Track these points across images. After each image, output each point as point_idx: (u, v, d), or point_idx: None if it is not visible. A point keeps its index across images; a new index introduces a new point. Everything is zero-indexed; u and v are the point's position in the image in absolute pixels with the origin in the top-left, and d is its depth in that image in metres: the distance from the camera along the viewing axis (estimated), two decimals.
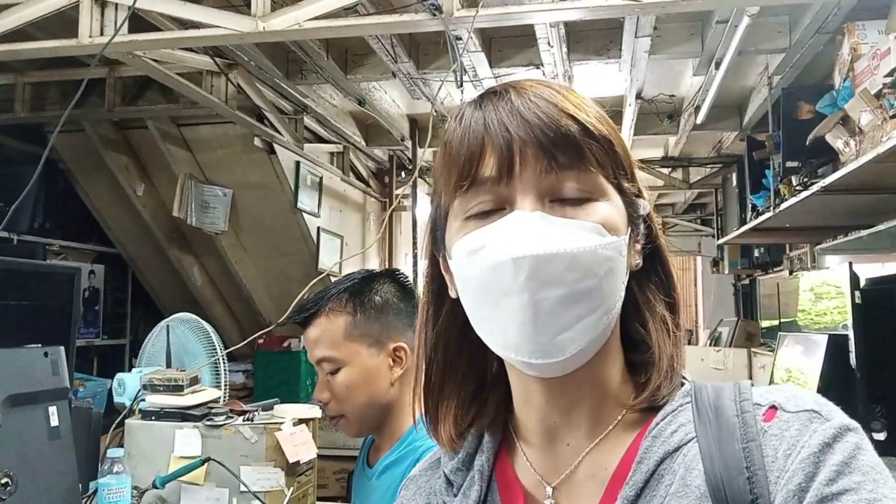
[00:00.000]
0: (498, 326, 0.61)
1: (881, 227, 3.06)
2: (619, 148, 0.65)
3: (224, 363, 2.24)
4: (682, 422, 0.62)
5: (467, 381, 0.72)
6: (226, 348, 2.94)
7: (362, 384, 1.35)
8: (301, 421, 2.02)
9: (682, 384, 0.66)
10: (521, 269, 0.58)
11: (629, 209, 0.65)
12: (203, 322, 2.52)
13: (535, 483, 0.67)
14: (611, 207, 0.63)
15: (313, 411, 2.13)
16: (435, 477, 0.74)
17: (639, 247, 0.67)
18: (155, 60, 3.11)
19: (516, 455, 0.70)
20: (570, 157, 0.61)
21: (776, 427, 0.58)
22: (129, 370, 2.41)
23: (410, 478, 0.78)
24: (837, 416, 0.57)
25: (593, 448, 0.65)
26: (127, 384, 2.17)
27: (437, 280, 0.71)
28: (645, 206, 0.67)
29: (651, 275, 0.68)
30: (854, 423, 0.57)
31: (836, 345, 2.94)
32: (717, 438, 0.59)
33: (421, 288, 0.75)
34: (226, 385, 2.27)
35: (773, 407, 0.60)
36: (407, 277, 1.47)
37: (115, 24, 2.61)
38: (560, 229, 0.59)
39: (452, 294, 0.68)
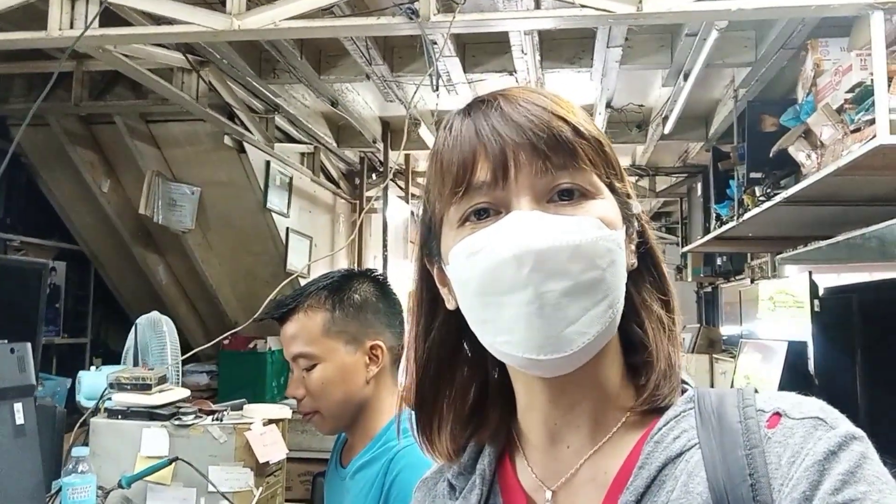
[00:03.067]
0: (503, 326, 0.60)
1: (840, 237, 3.15)
2: (608, 149, 0.66)
3: (176, 349, 2.19)
4: (684, 427, 0.62)
5: (463, 395, 0.71)
6: (190, 348, 2.91)
7: (338, 381, 1.36)
8: (271, 421, 2.02)
9: (685, 389, 0.66)
10: (523, 264, 0.58)
11: (622, 207, 0.65)
12: (167, 321, 2.48)
13: (535, 487, 0.67)
14: (606, 204, 0.63)
15: (283, 411, 2.12)
16: (441, 481, 0.74)
17: (633, 246, 0.67)
18: (125, 55, 3.07)
19: (518, 459, 0.70)
20: (563, 157, 0.61)
21: (780, 434, 0.57)
22: (90, 369, 2.37)
23: (422, 480, 0.78)
24: (843, 425, 0.56)
25: (594, 452, 0.65)
26: (83, 382, 2.13)
27: (429, 294, 0.70)
28: (636, 206, 0.68)
29: (645, 275, 0.68)
30: (860, 432, 0.56)
31: (795, 352, 3.02)
32: (719, 445, 0.58)
33: (411, 301, 0.73)
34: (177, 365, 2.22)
35: (777, 413, 0.59)
36: (386, 278, 1.48)
37: (86, 17, 2.57)
38: (560, 224, 0.60)
39: (449, 306, 0.67)
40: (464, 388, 0.72)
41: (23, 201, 4.55)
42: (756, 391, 0.63)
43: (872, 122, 2.26)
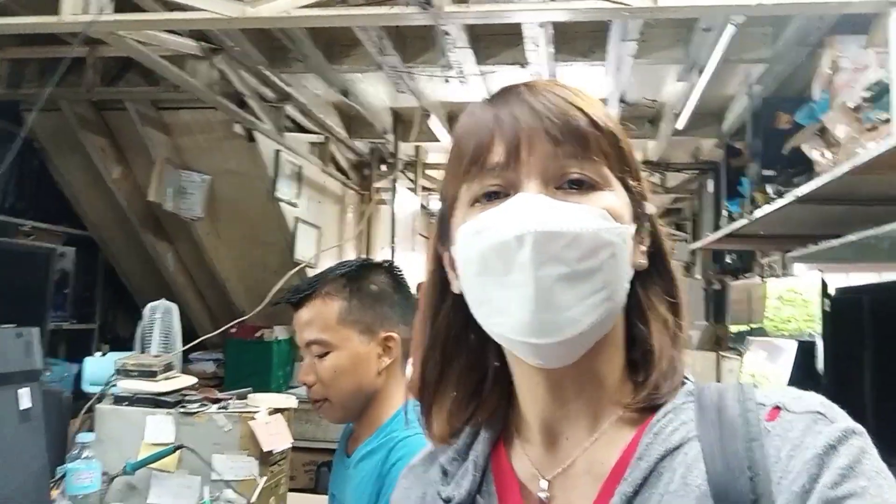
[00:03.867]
0: (498, 307, 0.61)
1: (852, 237, 3.11)
2: (624, 144, 0.66)
3: (168, 337, 2.20)
4: (683, 420, 0.62)
5: (465, 379, 0.72)
6: (197, 336, 2.91)
7: (350, 370, 1.36)
8: (276, 410, 2.02)
9: (684, 383, 0.66)
10: (523, 246, 0.58)
11: (634, 205, 0.66)
12: (167, 306, 2.48)
13: (530, 476, 0.67)
14: (615, 197, 0.63)
15: (288, 401, 2.12)
16: (432, 467, 0.74)
17: (643, 247, 0.67)
18: (138, 41, 3.06)
19: (514, 448, 0.70)
20: (576, 146, 0.62)
21: (780, 427, 0.58)
22: (96, 355, 2.38)
23: (409, 467, 0.78)
24: (842, 419, 0.57)
25: (591, 444, 0.65)
26: (86, 368, 2.14)
27: (440, 276, 0.71)
28: (650, 207, 0.68)
29: (654, 276, 0.68)
30: (859, 427, 0.56)
31: (805, 351, 3.00)
32: (719, 438, 0.58)
33: (423, 283, 0.74)
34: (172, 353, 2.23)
35: (777, 407, 0.59)
36: (401, 271, 1.48)
37: (99, 1, 2.56)
38: (564, 211, 0.60)
39: (455, 289, 0.68)
40: (465, 373, 0.72)
41: (34, 186, 4.56)
42: (756, 386, 0.63)
43: (889, 120, 2.23)
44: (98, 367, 2.30)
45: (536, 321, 0.59)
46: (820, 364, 2.90)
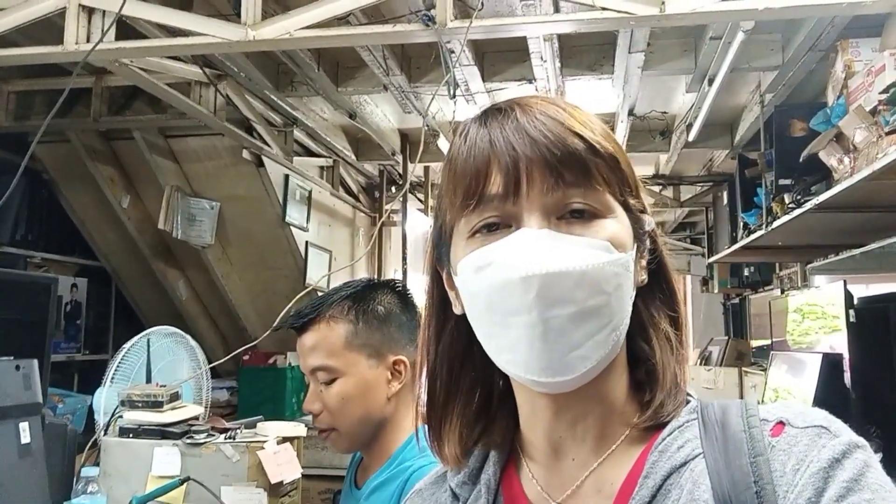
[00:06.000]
0: (507, 344, 0.61)
1: (874, 245, 3.03)
2: (624, 165, 0.66)
3: (207, 377, 2.17)
4: (688, 437, 0.62)
5: (472, 398, 0.72)
6: (209, 364, 2.87)
7: (358, 397, 1.29)
8: (285, 439, 1.96)
9: (688, 401, 0.67)
10: (530, 288, 0.58)
11: (635, 225, 0.66)
12: (186, 335, 2.46)
13: (540, 499, 0.67)
14: (618, 224, 0.63)
15: (298, 429, 2.07)
16: (440, 491, 0.73)
17: (644, 262, 0.67)
18: (143, 70, 3.06)
19: (522, 471, 0.69)
20: (576, 175, 0.62)
21: (784, 442, 0.58)
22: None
23: (415, 491, 0.77)
24: (846, 433, 0.58)
25: (599, 464, 0.65)
26: (96, 399, 2.10)
27: (441, 296, 0.71)
28: (650, 221, 0.68)
29: (655, 291, 0.69)
30: (862, 441, 0.57)
31: (830, 364, 2.91)
32: (724, 453, 0.59)
33: (423, 305, 0.74)
34: (207, 398, 2.19)
35: (781, 423, 0.60)
36: (409, 289, 1.42)
37: (102, 30, 2.56)
38: (568, 247, 0.60)
39: (457, 310, 0.68)
40: (471, 392, 0.73)
41: (45, 217, 4.56)
42: (759, 402, 0.64)
43: None
44: (107, 397, 2.25)
45: (546, 361, 0.59)
46: (847, 377, 2.80)
